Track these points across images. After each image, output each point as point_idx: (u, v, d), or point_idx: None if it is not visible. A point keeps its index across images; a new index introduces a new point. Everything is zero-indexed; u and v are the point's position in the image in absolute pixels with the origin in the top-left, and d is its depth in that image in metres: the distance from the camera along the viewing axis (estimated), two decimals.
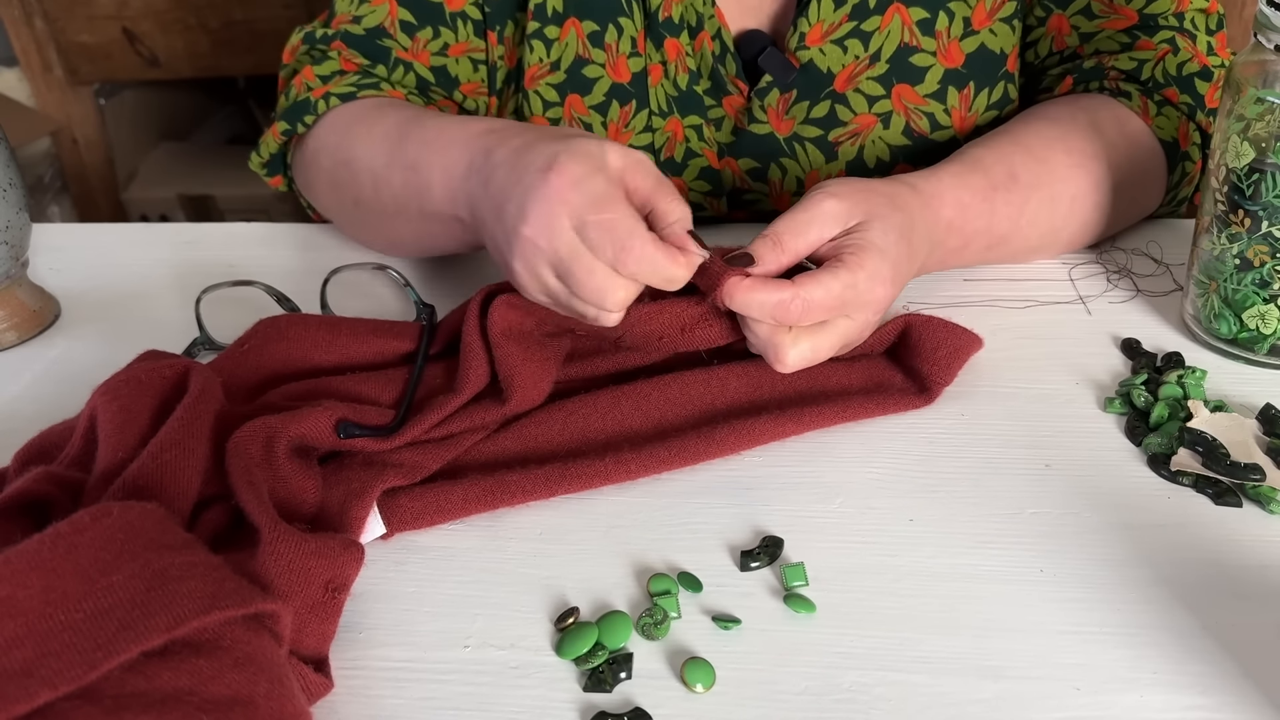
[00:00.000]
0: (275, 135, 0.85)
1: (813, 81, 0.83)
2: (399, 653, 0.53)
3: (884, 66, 0.82)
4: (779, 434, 0.63)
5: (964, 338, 0.67)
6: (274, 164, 0.89)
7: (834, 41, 0.82)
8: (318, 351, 0.66)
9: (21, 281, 0.80)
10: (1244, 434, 0.61)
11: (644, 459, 0.61)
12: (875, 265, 0.62)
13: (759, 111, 0.84)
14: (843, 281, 0.61)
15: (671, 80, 0.84)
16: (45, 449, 0.58)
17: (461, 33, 0.86)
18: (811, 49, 0.82)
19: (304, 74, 0.85)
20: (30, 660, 0.41)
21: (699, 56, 0.84)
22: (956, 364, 0.66)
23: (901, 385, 0.67)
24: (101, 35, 1.85)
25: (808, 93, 0.83)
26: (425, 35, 0.86)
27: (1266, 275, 0.67)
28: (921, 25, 0.82)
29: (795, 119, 0.84)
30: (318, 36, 0.87)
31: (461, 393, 0.62)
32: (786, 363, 0.62)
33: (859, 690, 0.49)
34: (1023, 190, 0.74)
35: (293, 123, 0.83)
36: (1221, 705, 0.48)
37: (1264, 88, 0.64)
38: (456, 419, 0.62)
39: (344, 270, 0.76)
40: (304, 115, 0.83)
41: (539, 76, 0.86)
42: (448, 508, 0.59)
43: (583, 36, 0.84)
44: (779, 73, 0.83)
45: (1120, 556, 0.56)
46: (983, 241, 0.74)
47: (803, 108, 0.84)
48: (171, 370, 0.59)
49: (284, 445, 0.57)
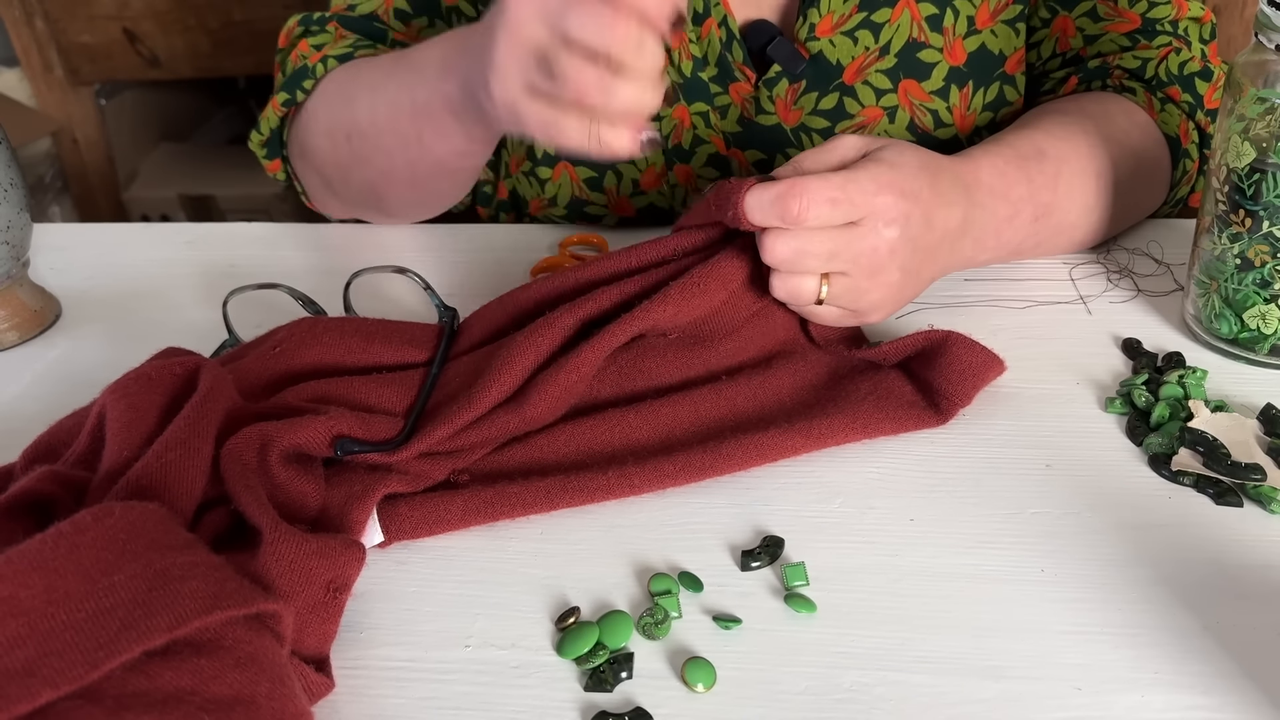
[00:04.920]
0: (275, 108, 0.85)
1: (822, 72, 0.83)
2: (400, 652, 0.53)
3: (892, 60, 0.83)
4: (787, 451, 0.62)
5: (986, 359, 0.65)
6: (273, 144, 0.88)
7: (844, 33, 0.82)
8: (350, 356, 0.66)
9: (22, 281, 0.80)
10: (1245, 434, 0.61)
11: (648, 473, 0.60)
12: (880, 170, 0.63)
13: (766, 102, 0.84)
14: (844, 175, 0.62)
15: (676, 67, 0.84)
16: (53, 446, 0.58)
17: (456, 27, 0.87)
18: (822, 40, 0.82)
19: (299, 47, 0.85)
20: (32, 660, 0.41)
21: (705, 44, 0.84)
22: (977, 386, 0.64)
23: (912, 399, 0.64)
24: (102, 35, 1.85)
25: (817, 84, 0.84)
26: (420, 23, 0.87)
27: (1267, 275, 0.67)
28: (930, 21, 0.82)
29: (804, 109, 0.84)
30: (314, 18, 0.88)
31: (475, 408, 0.61)
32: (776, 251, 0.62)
33: (860, 690, 0.49)
34: (1053, 162, 0.74)
35: (292, 91, 0.83)
36: (1222, 705, 0.48)
37: (1265, 87, 0.64)
38: (466, 433, 0.61)
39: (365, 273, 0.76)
40: (303, 81, 0.83)
41: None
42: (447, 518, 0.58)
43: None
44: (789, 63, 0.83)
45: (1121, 556, 0.56)
46: (1029, 210, 0.73)
47: (811, 98, 0.84)
48: (182, 368, 0.59)
49: (278, 454, 0.57)
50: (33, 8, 1.82)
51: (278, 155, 0.89)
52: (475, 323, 0.70)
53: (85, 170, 1.99)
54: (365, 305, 0.75)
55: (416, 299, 0.79)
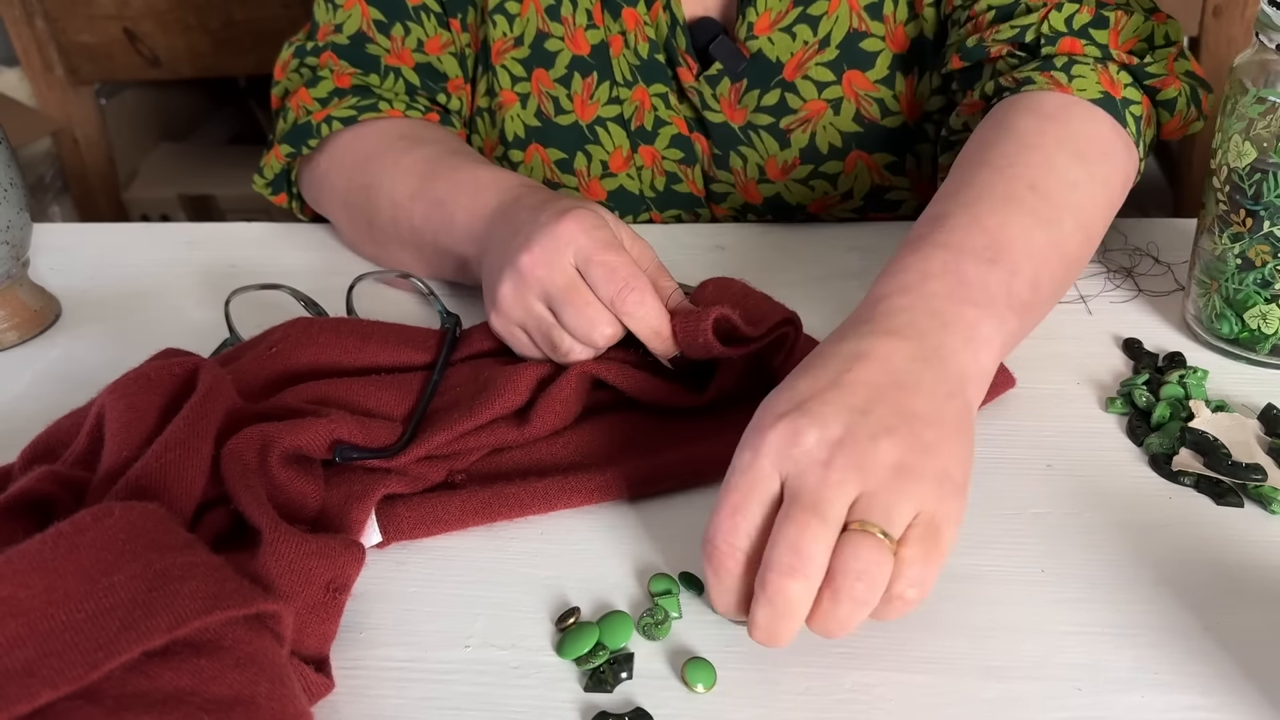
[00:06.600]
0: (279, 157, 0.87)
1: (762, 70, 0.84)
2: (400, 653, 0.53)
3: (834, 52, 0.83)
4: None
5: (1004, 378, 0.64)
6: (277, 183, 0.90)
7: (782, 29, 0.83)
8: (347, 357, 0.66)
9: (22, 281, 0.80)
10: (1245, 434, 0.61)
11: (647, 473, 0.60)
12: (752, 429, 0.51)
13: (711, 99, 0.85)
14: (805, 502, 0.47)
15: (633, 49, 0.85)
16: (52, 446, 0.58)
17: (429, 26, 0.88)
18: (760, 38, 0.83)
19: (299, 96, 0.87)
20: (32, 660, 0.41)
21: (656, 26, 0.84)
22: (987, 400, 0.63)
23: None
24: (102, 35, 1.85)
25: (757, 81, 0.84)
26: (399, 33, 0.88)
27: (1268, 275, 0.67)
28: (869, 9, 0.82)
29: (748, 108, 0.85)
30: (308, 49, 0.89)
31: (476, 418, 0.61)
32: None
33: (861, 690, 0.49)
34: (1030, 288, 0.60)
35: (296, 146, 0.85)
36: (1223, 706, 0.48)
37: (1265, 87, 0.64)
38: (466, 438, 0.61)
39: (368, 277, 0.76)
40: (307, 139, 0.85)
41: (504, 51, 0.88)
42: (445, 519, 0.58)
43: (540, 10, 0.86)
44: (729, 61, 0.83)
45: (1122, 557, 0.56)
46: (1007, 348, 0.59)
47: (754, 96, 0.84)
48: (181, 368, 0.59)
49: (278, 455, 0.57)
50: (33, 7, 1.82)
51: (283, 190, 0.91)
52: (476, 331, 0.70)
53: (85, 170, 1.99)
54: (367, 308, 0.75)
55: (418, 303, 0.79)
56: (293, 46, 0.91)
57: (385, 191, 0.79)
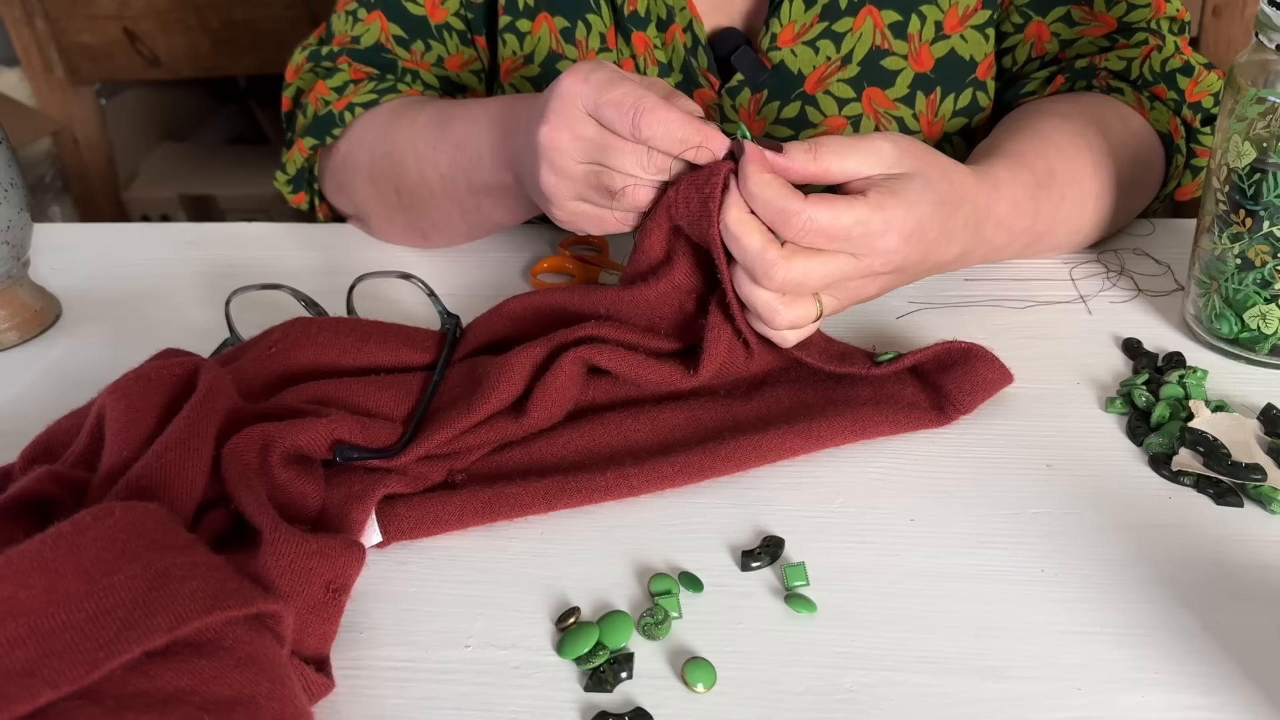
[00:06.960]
0: (302, 151, 0.87)
1: (784, 82, 0.83)
2: (400, 653, 0.53)
3: (855, 69, 0.83)
4: (786, 452, 0.61)
5: (997, 371, 0.64)
6: (298, 180, 0.90)
7: (805, 43, 0.82)
8: (346, 357, 0.66)
9: (23, 281, 0.80)
10: (1245, 434, 0.61)
11: (646, 474, 0.60)
12: (896, 214, 0.60)
13: (730, 110, 0.85)
14: (856, 214, 0.59)
15: (642, 73, 0.85)
16: (52, 446, 0.58)
17: (450, 44, 0.88)
18: (783, 50, 0.83)
19: (318, 89, 0.87)
20: (32, 660, 0.41)
21: (670, 49, 0.84)
22: (983, 396, 0.64)
23: (913, 401, 0.64)
24: (102, 35, 1.85)
25: (778, 93, 0.84)
26: (419, 48, 0.88)
27: (1268, 275, 0.67)
28: (894, 28, 0.82)
29: (766, 119, 0.85)
30: (323, 54, 0.89)
31: (474, 414, 0.61)
32: (775, 279, 0.59)
33: (860, 690, 0.49)
34: (1060, 188, 0.74)
35: (320, 137, 0.85)
36: (1223, 705, 0.48)
37: (1265, 87, 0.64)
38: (466, 436, 0.61)
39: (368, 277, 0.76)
40: (330, 129, 0.85)
41: (514, 69, 0.87)
42: (445, 519, 0.58)
43: (555, 32, 0.86)
44: (751, 72, 0.83)
45: (1121, 556, 0.56)
46: (1023, 240, 0.74)
47: (773, 108, 0.84)
48: (181, 368, 0.59)
49: (279, 455, 0.57)
50: (33, 7, 1.82)
51: (302, 189, 0.91)
52: (472, 330, 0.70)
53: (85, 170, 1.99)
54: (367, 308, 0.75)
55: (419, 303, 0.79)
56: (306, 50, 0.90)
57: (409, 150, 0.80)
